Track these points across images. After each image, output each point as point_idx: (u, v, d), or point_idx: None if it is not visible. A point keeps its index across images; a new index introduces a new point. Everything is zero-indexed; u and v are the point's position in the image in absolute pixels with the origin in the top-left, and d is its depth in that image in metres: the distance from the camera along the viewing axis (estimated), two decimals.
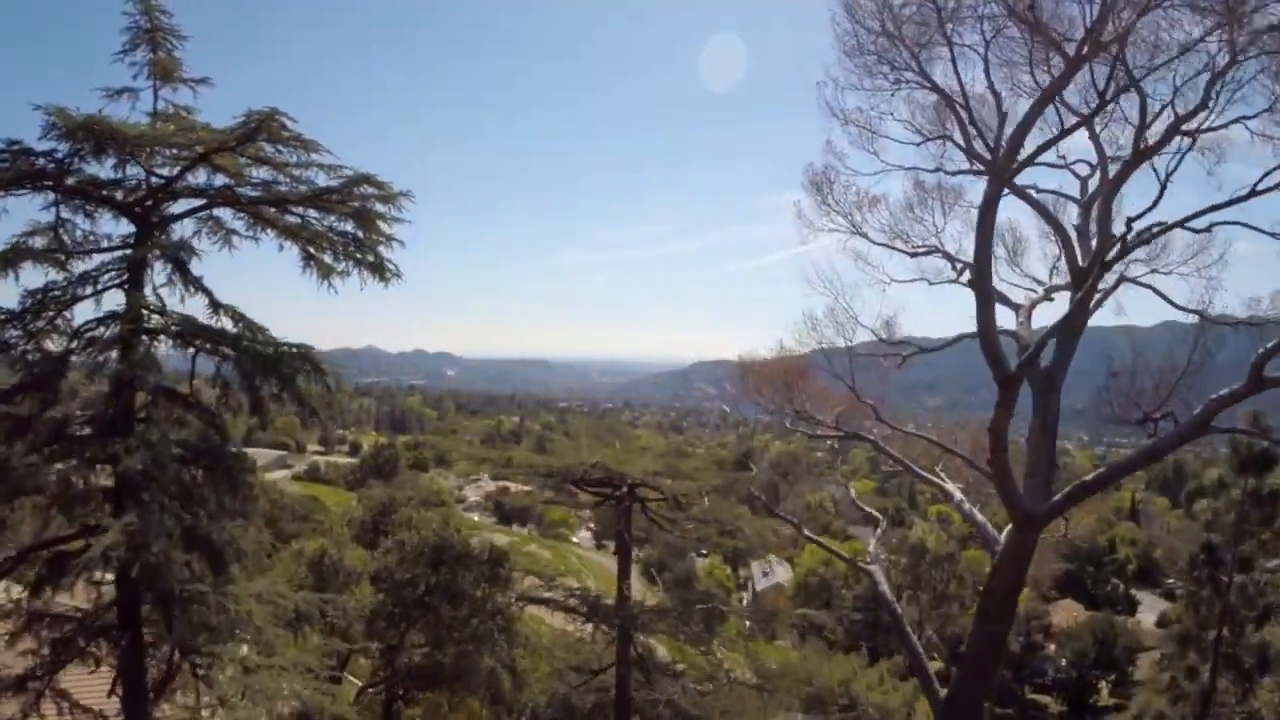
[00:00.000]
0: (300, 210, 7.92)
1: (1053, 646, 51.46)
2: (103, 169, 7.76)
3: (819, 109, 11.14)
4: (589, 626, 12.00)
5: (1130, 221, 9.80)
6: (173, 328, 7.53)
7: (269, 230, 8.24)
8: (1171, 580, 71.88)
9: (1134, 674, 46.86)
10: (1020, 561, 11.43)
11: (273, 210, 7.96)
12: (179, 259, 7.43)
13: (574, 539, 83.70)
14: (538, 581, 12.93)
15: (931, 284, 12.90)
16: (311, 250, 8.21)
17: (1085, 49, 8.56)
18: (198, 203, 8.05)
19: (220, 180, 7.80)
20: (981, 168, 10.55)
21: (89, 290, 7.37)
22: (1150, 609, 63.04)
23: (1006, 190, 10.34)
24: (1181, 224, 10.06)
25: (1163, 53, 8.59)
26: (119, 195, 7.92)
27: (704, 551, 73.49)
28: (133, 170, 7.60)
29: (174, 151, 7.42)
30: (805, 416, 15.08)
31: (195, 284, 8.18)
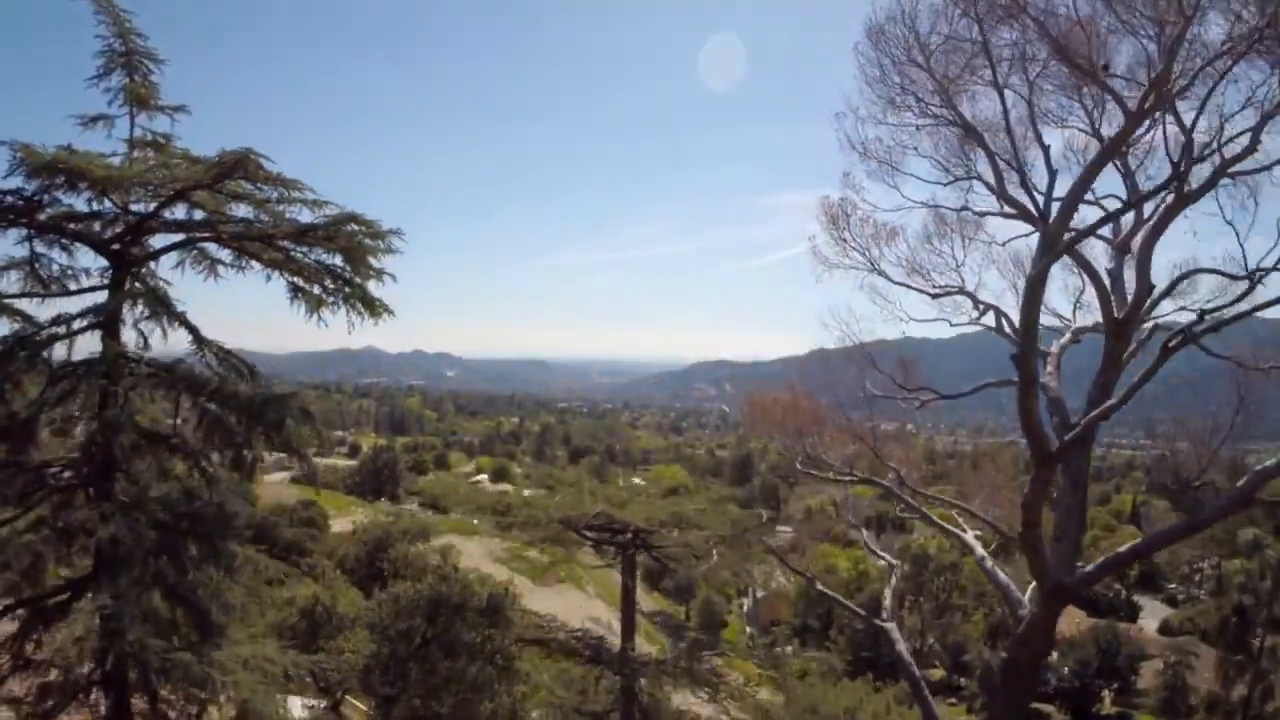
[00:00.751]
0: (286, 244, 7.53)
1: (1055, 654, 51.21)
2: (79, 200, 7.40)
3: (838, 142, 10.62)
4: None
5: (1181, 278, 9.20)
6: (152, 376, 7.13)
7: (254, 263, 7.86)
8: (1173, 585, 71.69)
9: (1136, 682, 46.58)
10: (1048, 633, 10.87)
11: (257, 244, 7.58)
12: (154, 310, 7.03)
13: None
14: (539, 621, 12.53)
15: (953, 325, 12.47)
16: (299, 283, 7.85)
17: (1148, 103, 7.80)
18: (177, 237, 7.69)
19: (200, 214, 7.41)
20: (1014, 212, 10.06)
21: (64, 331, 6.97)
22: (1152, 615, 62.76)
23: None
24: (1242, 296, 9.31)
25: (1212, 90, 7.93)
26: (96, 229, 7.55)
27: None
28: (110, 203, 7.22)
29: (149, 188, 7.03)
30: (816, 460, 14.60)
31: (178, 319, 7.83)
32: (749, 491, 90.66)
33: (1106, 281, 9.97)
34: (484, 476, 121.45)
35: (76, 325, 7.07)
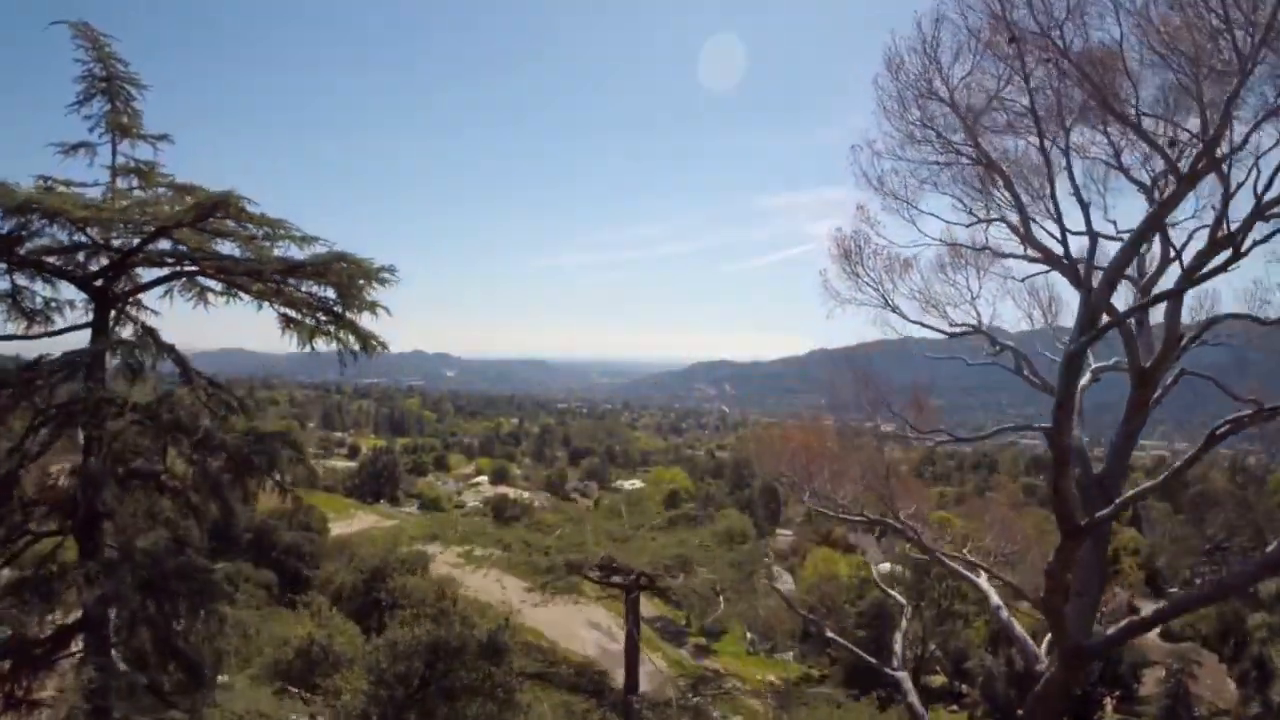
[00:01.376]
0: (276, 277, 7.30)
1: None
2: (61, 231, 7.15)
3: (853, 176, 10.25)
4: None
5: (1211, 323, 8.76)
6: (137, 423, 6.88)
7: (244, 294, 7.63)
8: (1175, 590, 71.44)
9: (1139, 690, 46.37)
10: (1066, 695, 10.43)
11: (244, 276, 7.34)
12: (141, 346, 6.78)
13: None
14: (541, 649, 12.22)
15: (970, 365, 12.16)
16: (290, 313, 7.61)
17: (1201, 164, 7.32)
18: (162, 271, 7.45)
19: (184, 249, 7.17)
20: (1040, 257, 9.71)
21: (44, 379, 6.72)
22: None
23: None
24: None
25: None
26: (80, 258, 7.31)
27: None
28: (90, 237, 6.97)
29: (130, 225, 6.79)
30: (826, 496, 14.32)
31: (167, 352, 7.59)
32: (749, 495, 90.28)
33: (1131, 323, 9.43)
34: (484, 478, 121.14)
35: (59, 367, 6.81)
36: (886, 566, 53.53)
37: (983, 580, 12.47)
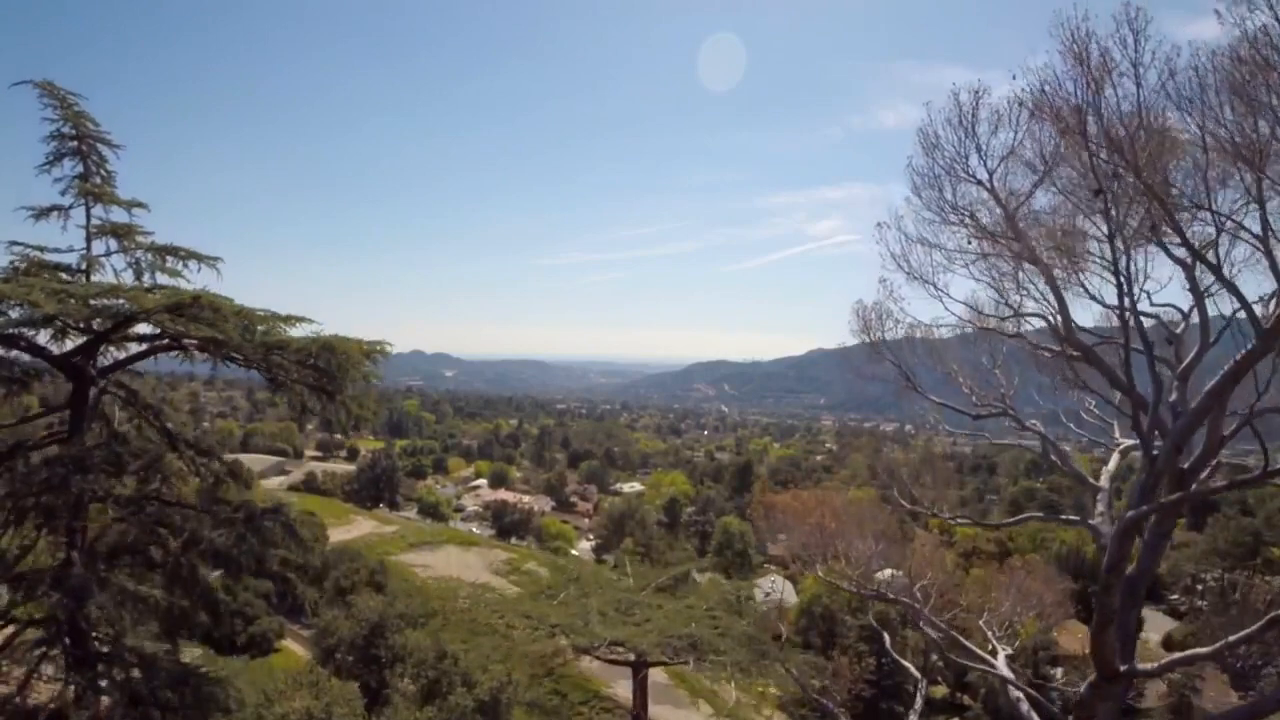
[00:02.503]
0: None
1: (1060, 671, 50.81)
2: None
3: (880, 255, 9.74)
4: None
5: (1251, 418, 7.64)
6: (119, 521, 6.56)
7: (228, 363, 7.31)
8: (1175, 596, 71.13)
9: (1140, 702, 46.12)
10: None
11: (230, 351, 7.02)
12: (113, 453, 6.46)
13: (573, 551, 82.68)
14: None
15: (993, 442, 11.74)
16: (279, 377, 7.29)
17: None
18: (140, 347, 7.11)
19: (163, 329, 6.85)
20: (1079, 355, 8.95)
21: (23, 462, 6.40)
22: (1155, 627, 62.36)
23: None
24: None
25: None
26: (57, 323, 6.96)
27: (703, 569, 72.65)
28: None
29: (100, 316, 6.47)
30: (836, 570, 13.97)
31: (150, 422, 7.28)
32: (750, 499, 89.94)
33: (1166, 416, 8.74)
34: (483, 481, 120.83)
35: (40, 467, 6.47)
36: (888, 573, 53.32)
37: (1000, 662, 11.92)
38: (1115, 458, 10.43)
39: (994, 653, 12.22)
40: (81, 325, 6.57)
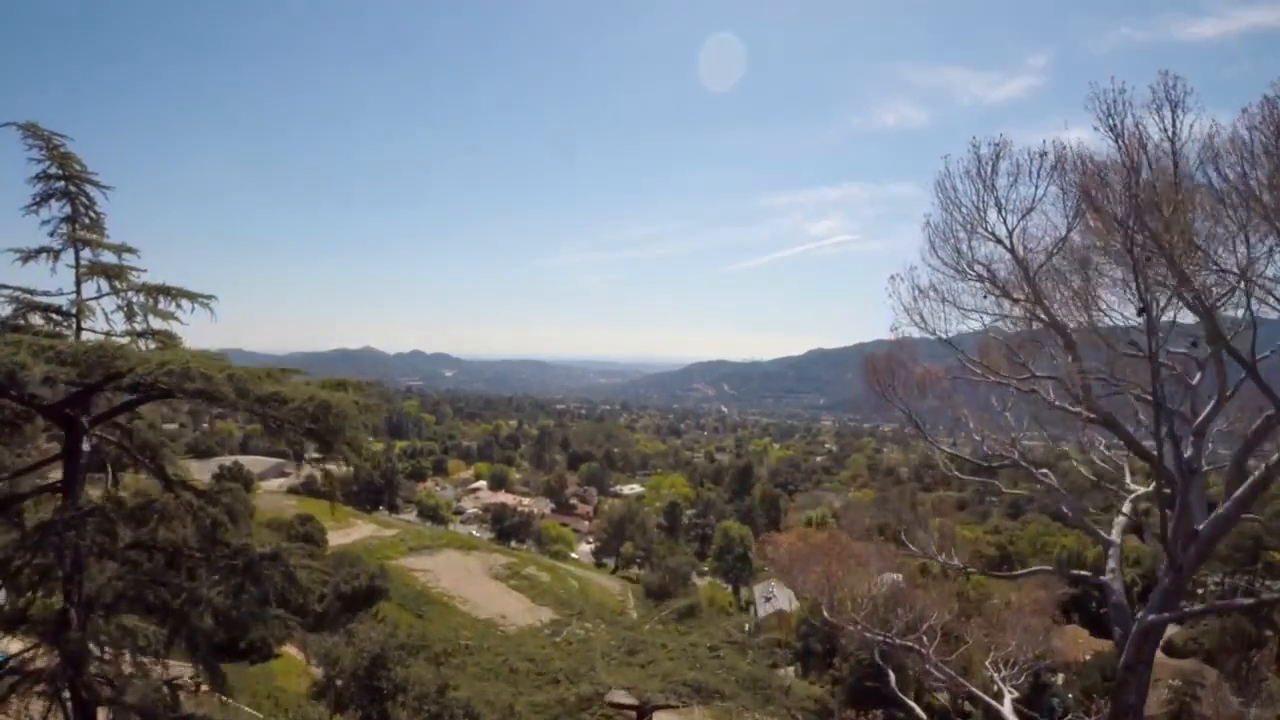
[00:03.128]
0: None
1: (1061, 677, 50.68)
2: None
3: (893, 307, 9.50)
4: None
5: (1265, 481, 7.56)
6: (117, 580, 6.42)
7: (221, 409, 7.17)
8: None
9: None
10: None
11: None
12: (107, 520, 6.32)
13: (573, 554, 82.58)
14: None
15: (1005, 491, 11.57)
16: (273, 426, 7.15)
17: None
18: (133, 395, 6.96)
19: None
20: (1096, 418, 8.76)
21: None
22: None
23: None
24: None
25: None
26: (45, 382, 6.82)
27: (704, 571, 72.57)
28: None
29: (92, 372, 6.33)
30: (844, 615, 13.81)
31: (147, 466, 7.15)
32: (749, 503, 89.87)
33: (1177, 477, 8.49)
34: (483, 483, 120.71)
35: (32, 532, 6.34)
36: (889, 577, 53.18)
37: (1007, 707, 11.72)
38: (1127, 506, 10.24)
39: (1000, 695, 12.07)
40: (71, 380, 6.46)
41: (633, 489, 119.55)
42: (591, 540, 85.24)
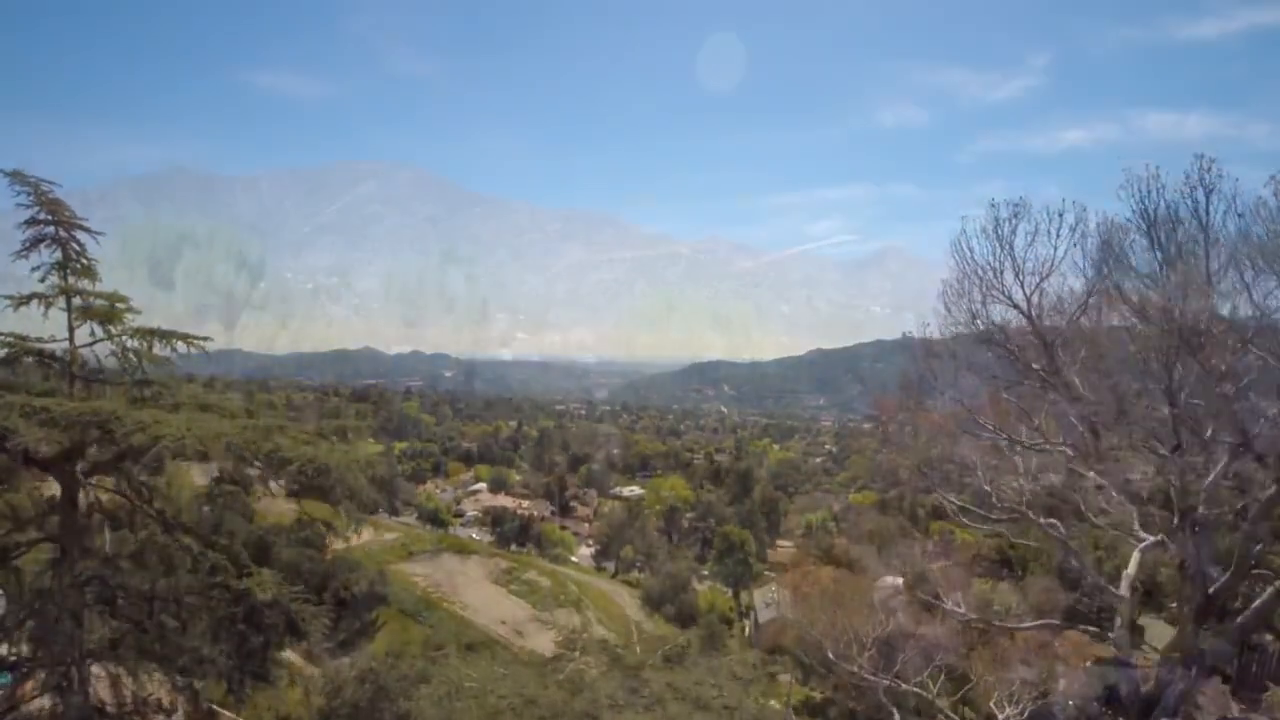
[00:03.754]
0: None
1: (1062, 683, 50.55)
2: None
3: (912, 356, 9.40)
4: None
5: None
6: (115, 642, 6.36)
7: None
8: (1176, 605, 70.96)
9: None
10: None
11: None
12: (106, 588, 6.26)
13: (573, 558, 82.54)
14: None
15: (1014, 542, 11.55)
16: (274, 470, 7.09)
17: None
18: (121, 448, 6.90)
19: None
20: (1114, 485, 8.84)
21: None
22: (1157, 637, 62.05)
23: None
24: None
25: None
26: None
27: (705, 576, 72.47)
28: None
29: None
30: (849, 657, 13.77)
31: (147, 512, 7.07)
32: (749, 506, 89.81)
33: (1192, 547, 8.38)
34: (483, 485, 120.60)
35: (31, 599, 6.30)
36: (890, 580, 53.07)
37: None
38: (1135, 557, 10.17)
39: None
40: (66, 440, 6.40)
41: (633, 490, 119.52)
42: (591, 543, 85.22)
